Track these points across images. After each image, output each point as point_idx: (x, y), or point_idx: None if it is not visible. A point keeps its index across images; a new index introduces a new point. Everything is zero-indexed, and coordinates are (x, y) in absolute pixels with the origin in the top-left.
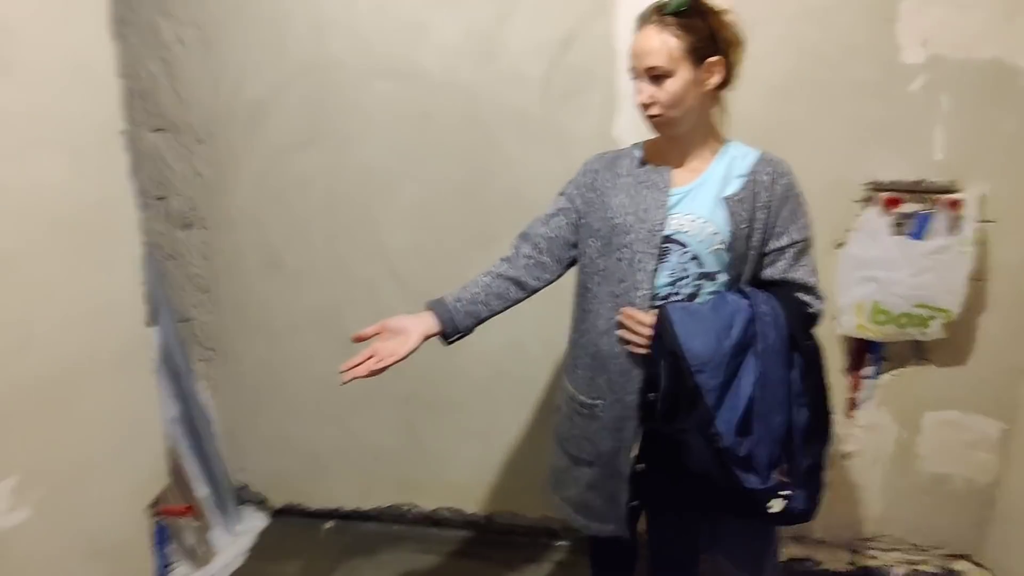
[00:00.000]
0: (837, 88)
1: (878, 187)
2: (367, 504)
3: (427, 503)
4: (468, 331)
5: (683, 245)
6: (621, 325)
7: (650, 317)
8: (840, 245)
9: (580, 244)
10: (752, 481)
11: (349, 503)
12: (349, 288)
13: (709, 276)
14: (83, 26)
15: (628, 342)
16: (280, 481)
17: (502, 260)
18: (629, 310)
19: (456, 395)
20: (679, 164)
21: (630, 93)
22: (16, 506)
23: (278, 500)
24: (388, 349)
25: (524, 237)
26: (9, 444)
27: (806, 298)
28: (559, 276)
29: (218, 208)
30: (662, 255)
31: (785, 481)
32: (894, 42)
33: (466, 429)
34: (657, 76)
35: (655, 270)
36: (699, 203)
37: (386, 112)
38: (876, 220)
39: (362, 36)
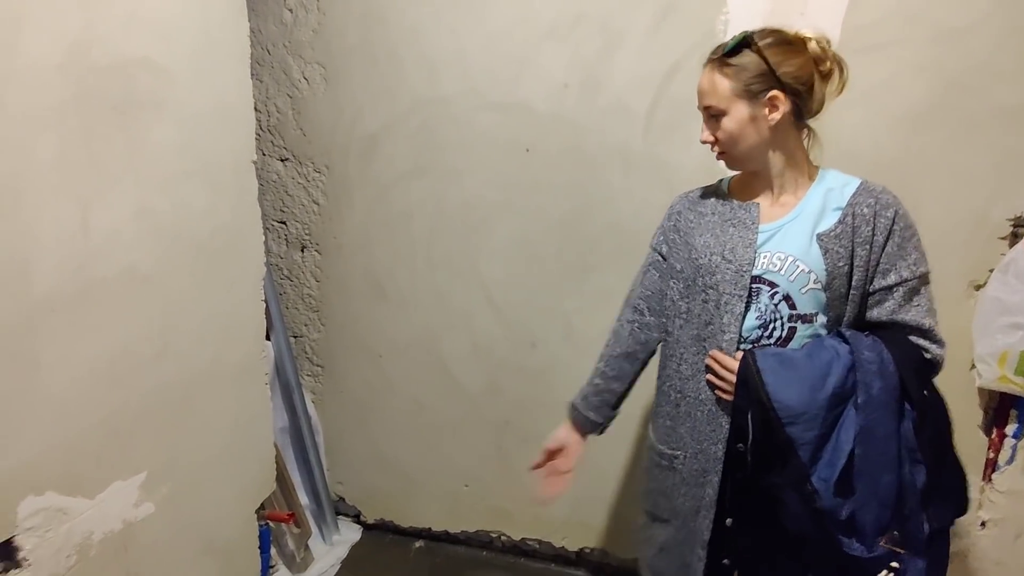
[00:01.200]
0: (979, 116)
1: None
2: (456, 527)
3: (516, 532)
4: (608, 419)
5: (774, 285)
6: (709, 369)
7: (728, 360)
8: (980, 287)
9: (672, 287)
10: (856, 548)
11: (439, 525)
12: (448, 316)
13: (804, 318)
14: (227, 68)
15: (716, 388)
16: (375, 497)
17: (612, 335)
18: (716, 353)
19: (550, 427)
20: (768, 199)
21: None
22: (143, 501)
23: (372, 515)
24: (561, 467)
25: (626, 303)
26: (142, 443)
27: (921, 342)
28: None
29: (331, 234)
30: (751, 296)
31: (897, 551)
32: None
33: None
34: (714, 115)
35: (743, 312)
36: (791, 240)
37: (490, 145)
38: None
39: (470, 72)
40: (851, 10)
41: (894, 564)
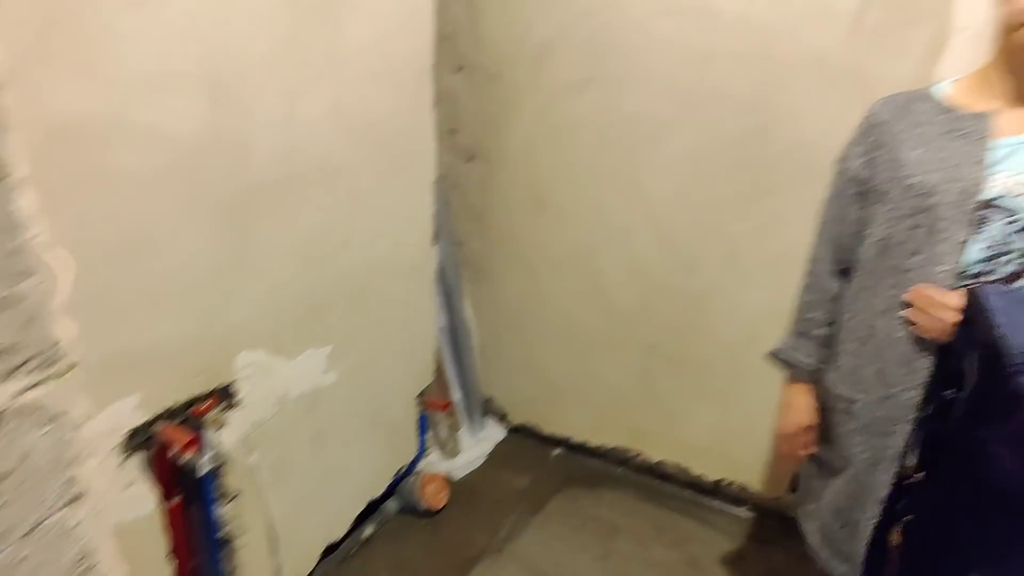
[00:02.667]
0: None
1: None
2: (595, 440)
3: (654, 454)
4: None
5: (1012, 212)
6: (908, 305)
7: (957, 298)
8: None
9: (866, 217)
10: None
11: (579, 436)
12: (606, 232)
13: None
14: None
15: (914, 325)
16: (521, 401)
17: (813, 279)
18: (924, 287)
19: (700, 354)
20: (1010, 107)
21: (968, 25)
22: (330, 369)
23: (517, 418)
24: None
25: (822, 239)
26: (330, 320)
27: None
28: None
29: (497, 144)
30: (980, 223)
31: None
32: None
33: (705, 390)
34: None
35: (964, 242)
36: None
37: (666, 54)
38: None
39: None
40: None
41: None
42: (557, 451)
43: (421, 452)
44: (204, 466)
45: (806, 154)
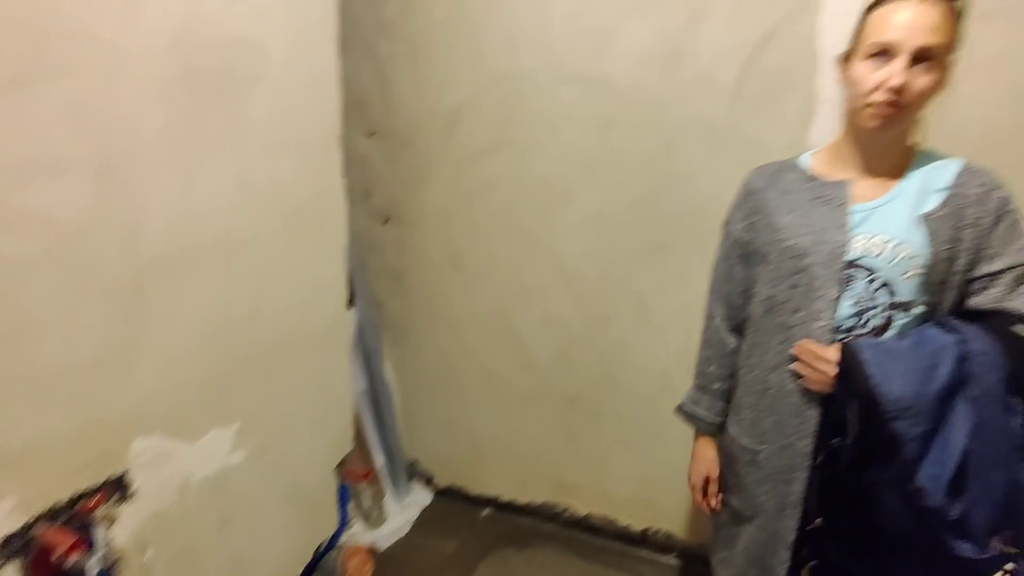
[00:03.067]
0: None
1: None
2: (523, 498)
3: (581, 507)
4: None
5: (871, 271)
6: (796, 360)
7: (834, 352)
8: None
9: (752, 275)
10: (966, 549)
11: (506, 494)
12: (523, 289)
13: (902, 306)
14: (316, 45)
15: (802, 378)
16: (447, 462)
17: (710, 335)
18: (807, 343)
19: (619, 405)
20: (863, 176)
21: (830, 96)
22: (236, 448)
23: (443, 480)
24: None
25: (715, 297)
26: (237, 395)
27: None
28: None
29: (413, 206)
30: (847, 283)
31: (1008, 552)
32: None
33: (626, 440)
34: (923, 59)
35: (837, 299)
36: (891, 222)
37: (569, 120)
38: None
39: (552, 45)
40: None
41: (1009, 566)
42: (486, 511)
43: (343, 525)
44: (93, 568)
45: (701, 212)
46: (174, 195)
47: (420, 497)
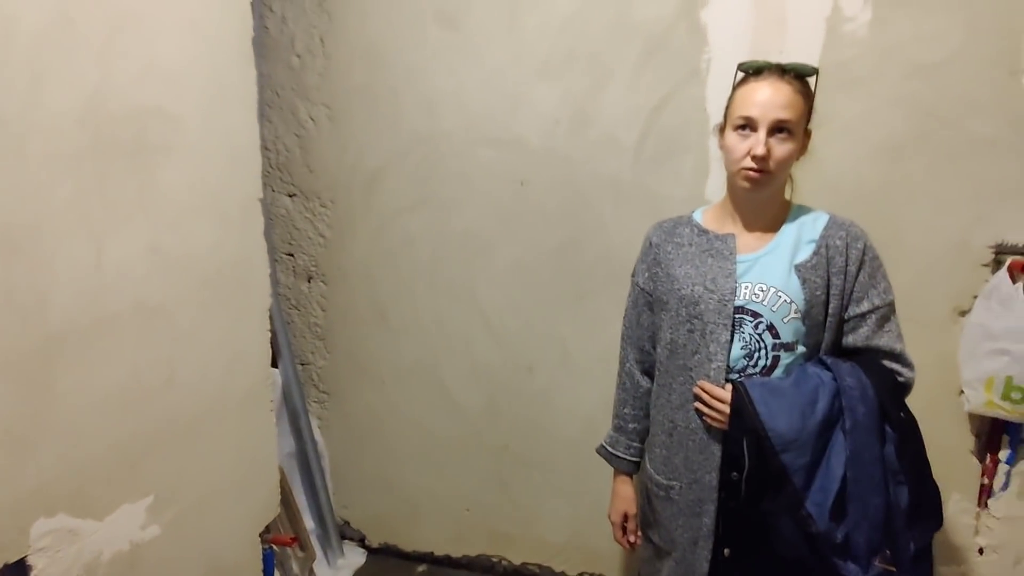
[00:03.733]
0: (957, 146)
1: (1007, 250)
2: (458, 552)
3: (516, 557)
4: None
5: (757, 315)
6: (697, 399)
7: (727, 392)
8: (964, 313)
9: (658, 321)
10: (851, 570)
11: (441, 549)
12: (448, 341)
13: (787, 347)
14: (235, 112)
15: (706, 417)
16: (379, 521)
17: (625, 379)
18: (704, 383)
19: (547, 451)
20: (745, 230)
21: (720, 156)
22: (150, 523)
23: (376, 539)
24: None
25: (627, 343)
26: (150, 468)
27: (894, 366)
28: None
29: (336, 265)
30: (735, 326)
31: (889, 569)
32: (1022, 95)
33: (556, 486)
34: (780, 131)
35: (729, 341)
36: (771, 272)
37: (487, 178)
38: (1006, 287)
39: (468, 109)
40: (827, 48)
41: None
42: (421, 568)
43: None
44: None
45: (614, 260)
46: (83, 265)
47: (353, 558)
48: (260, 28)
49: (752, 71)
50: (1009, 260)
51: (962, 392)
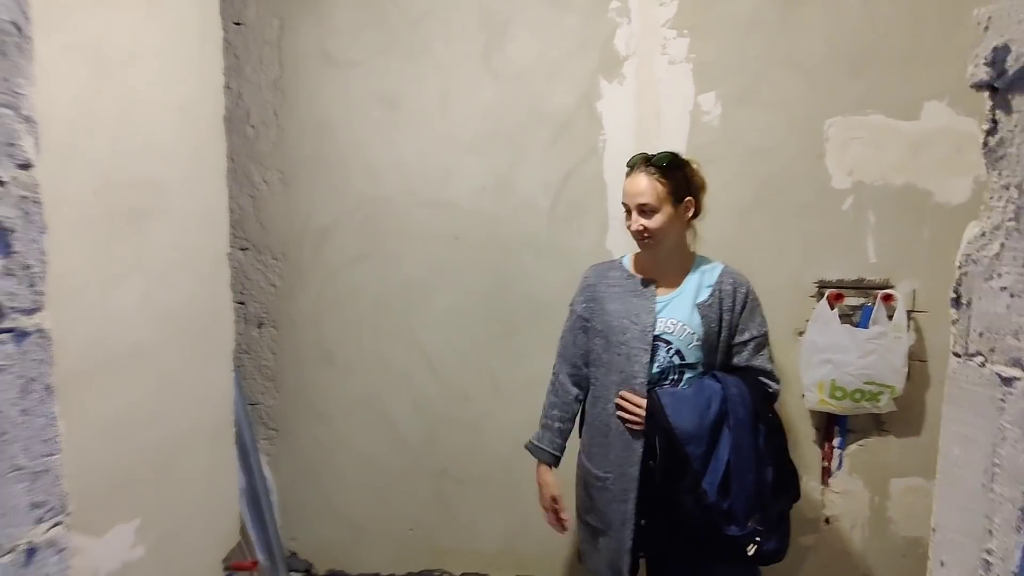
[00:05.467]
0: (787, 208)
1: (826, 285)
2: (402, 570)
3: (456, 569)
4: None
5: (668, 343)
6: (620, 407)
7: (638, 399)
8: (801, 333)
9: (590, 344)
10: (733, 530)
11: (387, 569)
12: (391, 379)
13: (690, 367)
14: (208, 181)
15: (627, 421)
16: (326, 548)
17: (556, 387)
18: (625, 393)
19: (482, 471)
20: (661, 276)
21: (618, 215)
22: (137, 544)
23: (323, 567)
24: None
25: (562, 359)
26: (137, 493)
27: (765, 380)
28: None
29: (286, 312)
30: (653, 351)
31: (759, 528)
32: (826, 172)
33: (491, 501)
34: (646, 211)
35: (649, 362)
36: (679, 310)
37: (424, 235)
38: (826, 312)
39: (407, 176)
40: (692, 134)
41: (757, 538)
42: None
43: None
44: None
45: (535, 302)
46: (93, 313)
47: None
48: None
49: (629, 166)
50: (827, 292)
51: (803, 395)
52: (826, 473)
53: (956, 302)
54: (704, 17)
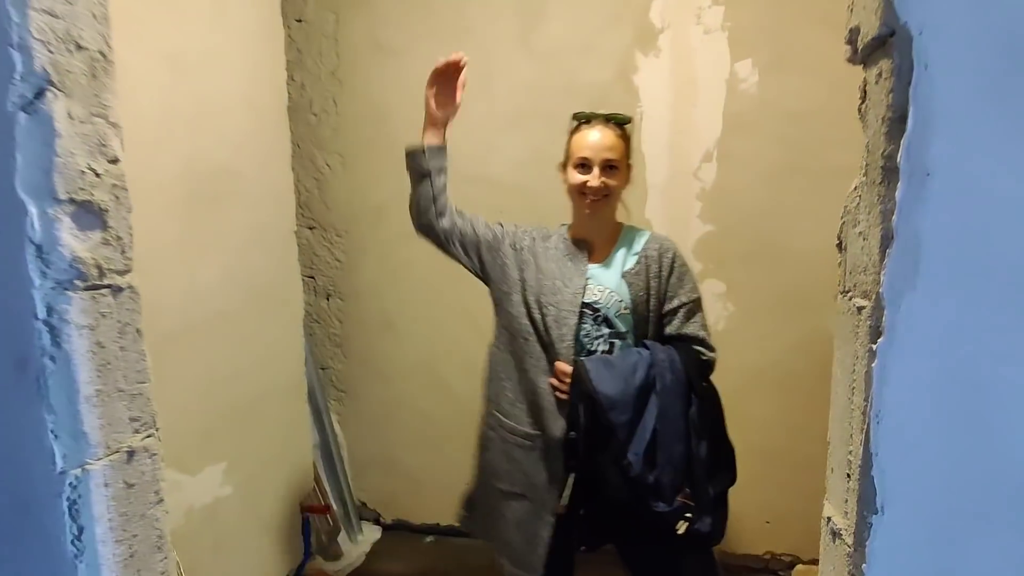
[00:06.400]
0: (824, 172)
1: None
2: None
3: None
4: (433, 158)
5: (596, 310)
6: (553, 376)
7: (567, 367)
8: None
9: (510, 292)
10: (660, 506)
11: (445, 520)
12: (443, 343)
13: (620, 335)
14: (276, 165)
15: (557, 388)
16: (391, 500)
17: (442, 191)
18: (559, 364)
19: None
20: (593, 244)
21: (657, 183)
22: (224, 484)
23: (389, 516)
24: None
25: (461, 213)
26: (224, 440)
27: (700, 349)
28: (442, 239)
29: (350, 284)
30: (582, 317)
31: (689, 504)
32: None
33: None
34: (611, 167)
35: (576, 326)
36: (607, 277)
37: (470, 208)
38: None
39: (452, 154)
40: (728, 101)
41: (688, 515)
42: (429, 539)
43: (307, 555)
44: None
45: None
46: (182, 284)
47: (370, 534)
48: None
49: (584, 120)
50: None
51: None
52: None
53: (839, 247)
54: None
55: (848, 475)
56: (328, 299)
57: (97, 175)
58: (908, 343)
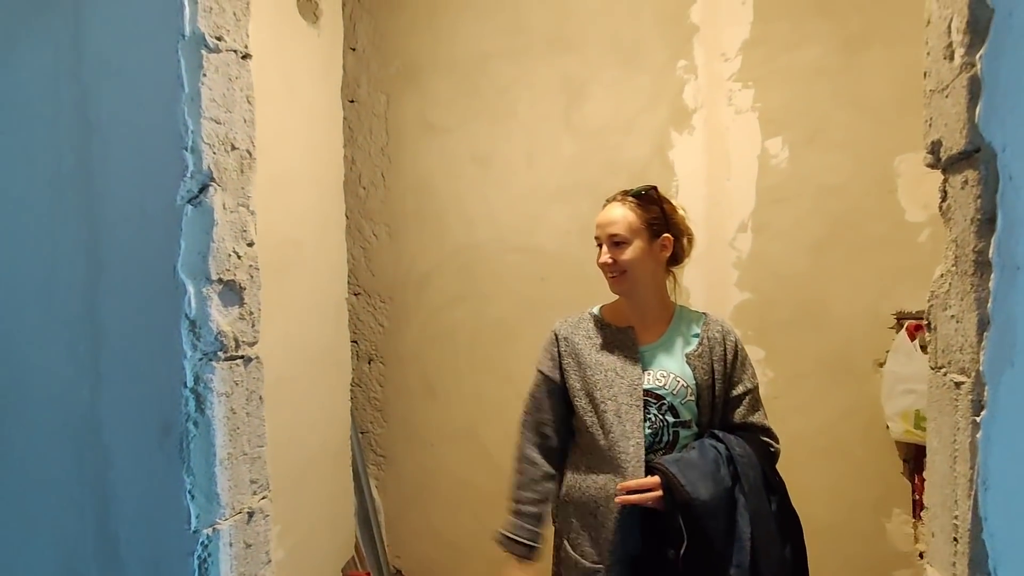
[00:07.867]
0: (861, 242)
1: (905, 316)
2: None
3: None
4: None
5: (660, 398)
6: (621, 496)
7: (651, 479)
8: (881, 364)
9: (563, 410)
10: None
11: None
12: (485, 410)
13: (685, 424)
14: (332, 235)
15: (636, 504)
16: (428, 567)
17: (524, 463)
18: (624, 484)
19: None
20: (638, 325)
21: (694, 253)
22: (278, 548)
23: None
24: None
25: (527, 428)
26: (279, 503)
27: (766, 439)
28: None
29: (392, 349)
30: (646, 408)
31: None
32: (899, 206)
33: None
34: (618, 242)
35: (642, 420)
36: (668, 360)
37: (515, 277)
38: (906, 343)
39: (497, 225)
40: (760, 176)
41: None
42: None
43: None
44: None
45: None
46: None
47: None
48: None
49: (605, 202)
50: (906, 323)
51: (887, 425)
52: (918, 507)
53: (928, 327)
54: (768, 69)
55: (955, 539)
56: (370, 363)
57: (239, 257)
58: (1010, 415)
